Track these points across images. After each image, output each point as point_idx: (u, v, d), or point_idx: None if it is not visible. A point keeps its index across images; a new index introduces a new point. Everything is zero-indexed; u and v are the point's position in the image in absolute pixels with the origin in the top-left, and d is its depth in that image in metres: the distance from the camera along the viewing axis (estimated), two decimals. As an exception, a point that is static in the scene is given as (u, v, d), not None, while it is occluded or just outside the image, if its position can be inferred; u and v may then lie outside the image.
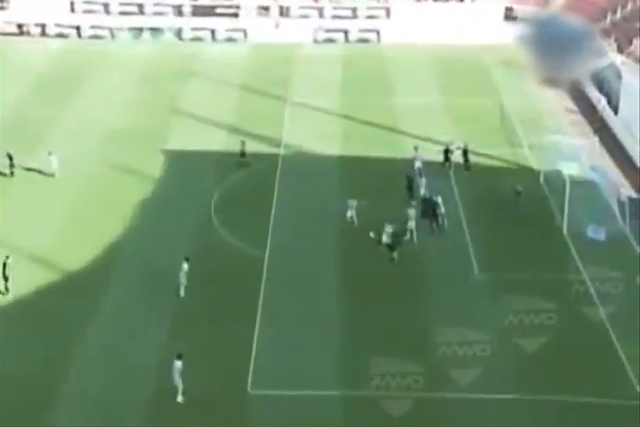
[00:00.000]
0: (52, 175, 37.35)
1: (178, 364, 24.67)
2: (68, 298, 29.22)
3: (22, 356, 26.47)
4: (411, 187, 35.84)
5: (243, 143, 39.14)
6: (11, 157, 37.44)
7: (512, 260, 31.54)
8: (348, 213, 33.51)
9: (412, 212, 32.75)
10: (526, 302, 26.72)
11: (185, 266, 29.31)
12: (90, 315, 28.42)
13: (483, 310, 28.71)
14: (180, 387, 24.62)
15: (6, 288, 29.28)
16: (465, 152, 38.41)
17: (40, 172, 37.59)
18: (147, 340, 27.30)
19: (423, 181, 35.74)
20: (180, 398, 24.64)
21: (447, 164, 38.21)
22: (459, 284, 30.29)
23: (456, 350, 25.09)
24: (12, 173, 37.43)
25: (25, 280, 29.84)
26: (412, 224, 32.57)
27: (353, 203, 33.48)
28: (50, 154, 37.62)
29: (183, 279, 29.23)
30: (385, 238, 31.07)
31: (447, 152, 38.24)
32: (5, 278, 29.23)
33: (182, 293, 29.19)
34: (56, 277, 30.51)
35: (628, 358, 26.44)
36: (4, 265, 29.26)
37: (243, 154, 38.85)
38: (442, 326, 26.93)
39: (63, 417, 24.28)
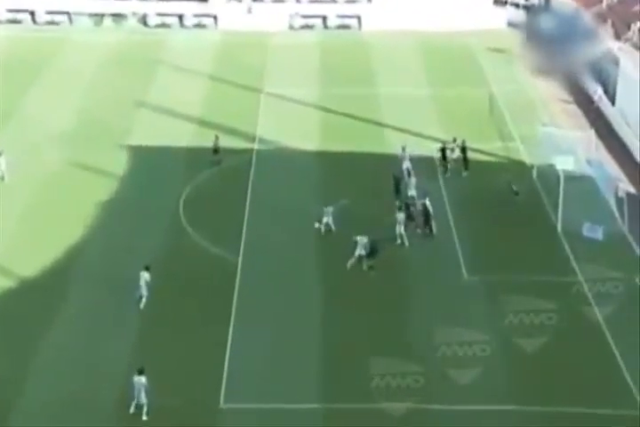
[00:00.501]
0: (0, 178, 37.01)
1: (140, 379, 24.33)
2: (28, 304, 29.22)
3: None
4: (398, 188, 35.82)
5: (216, 138, 38.87)
6: None
7: (503, 261, 31.76)
8: (324, 220, 33.41)
9: (400, 215, 32.77)
10: (518, 304, 27.06)
11: (146, 276, 28.89)
12: (52, 319, 28.47)
13: (472, 313, 28.93)
14: (145, 404, 24.43)
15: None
16: (464, 150, 37.94)
17: None
18: (111, 347, 27.31)
19: (413, 180, 35.62)
20: (144, 417, 24.48)
21: (444, 163, 37.90)
22: (447, 287, 30.48)
23: (452, 353, 25.46)
24: None
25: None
26: (400, 228, 32.66)
27: (329, 209, 33.37)
28: (-1, 154, 37.44)
29: (144, 291, 28.88)
30: (359, 250, 30.85)
31: (444, 151, 38.01)
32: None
33: (142, 305, 28.93)
34: (13, 284, 30.45)
35: (626, 363, 26.70)
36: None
37: (216, 150, 38.58)
38: (433, 328, 27.19)
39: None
